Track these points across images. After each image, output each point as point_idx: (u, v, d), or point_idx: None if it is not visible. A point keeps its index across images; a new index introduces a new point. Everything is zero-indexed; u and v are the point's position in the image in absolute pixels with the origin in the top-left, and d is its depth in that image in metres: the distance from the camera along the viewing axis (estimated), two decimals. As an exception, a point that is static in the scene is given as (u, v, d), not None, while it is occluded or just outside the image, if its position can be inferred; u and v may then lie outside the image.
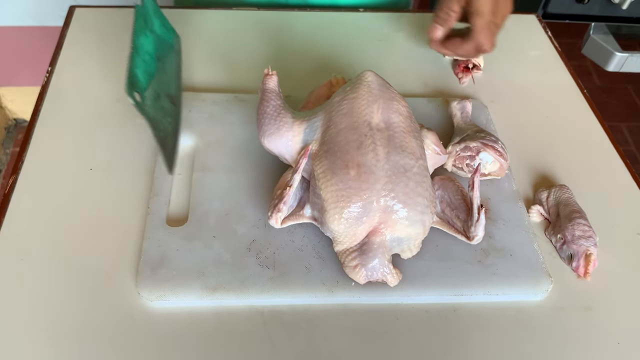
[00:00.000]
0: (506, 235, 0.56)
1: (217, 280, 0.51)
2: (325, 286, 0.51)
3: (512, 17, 0.86)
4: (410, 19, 0.85)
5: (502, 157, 0.59)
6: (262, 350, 0.48)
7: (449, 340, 0.50)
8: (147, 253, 0.52)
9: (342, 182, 0.49)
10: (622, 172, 0.65)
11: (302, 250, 0.53)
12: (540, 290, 0.53)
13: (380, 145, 0.51)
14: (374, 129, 0.52)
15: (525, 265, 0.54)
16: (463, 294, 0.52)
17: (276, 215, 0.52)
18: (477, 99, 0.72)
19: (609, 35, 1.03)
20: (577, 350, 0.50)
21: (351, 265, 0.50)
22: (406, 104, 0.56)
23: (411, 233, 0.50)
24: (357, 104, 0.53)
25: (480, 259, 0.54)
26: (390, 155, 0.50)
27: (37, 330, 0.48)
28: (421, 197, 0.50)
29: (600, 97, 1.99)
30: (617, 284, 0.55)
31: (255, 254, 0.53)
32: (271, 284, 0.51)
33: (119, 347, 0.48)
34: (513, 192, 0.60)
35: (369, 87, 0.55)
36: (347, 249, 0.51)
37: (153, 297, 0.50)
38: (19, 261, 0.52)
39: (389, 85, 0.56)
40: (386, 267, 0.50)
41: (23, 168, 0.60)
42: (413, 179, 0.50)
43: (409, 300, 0.52)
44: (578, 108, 0.73)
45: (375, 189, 0.49)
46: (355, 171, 0.49)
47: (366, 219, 0.49)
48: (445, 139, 0.64)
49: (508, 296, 0.52)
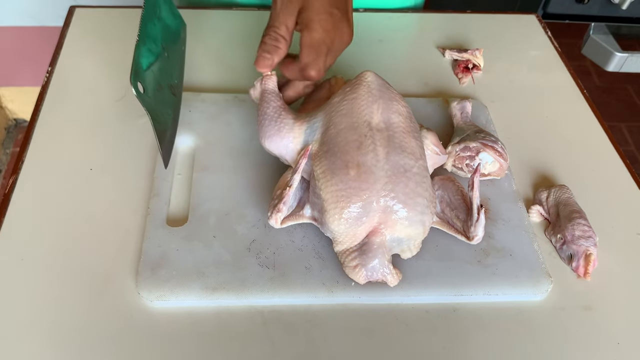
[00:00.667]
0: (506, 236, 0.56)
1: (217, 281, 0.51)
2: (325, 286, 0.51)
3: (511, 17, 0.87)
4: (411, 19, 0.85)
5: (502, 157, 0.59)
6: (262, 350, 0.48)
7: (448, 341, 0.50)
8: (147, 253, 0.52)
9: (342, 182, 0.49)
10: (621, 172, 0.65)
11: (302, 251, 0.53)
12: (540, 291, 0.53)
13: (380, 146, 0.51)
14: (374, 129, 0.52)
15: (525, 266, 0.54)
16: (463, 294, 0.52)
17: (276, 216, 0.52)
18: (477, 99, 0.72)
19: (609, 35, 1.03)
20: (577, 350, 0.50)
21: (351, 265, 0.50)
22: (406, 104, 0.56)
23: (411, 233, 0.50)
24: (356, 104, 0.53)
25: (480, 259, 0.54)
26: (390, 156, 0.50)
27: (37, 330, 0.48)
28: (421, 198, 0.50)
29: (600, 97, 1.99)
30: (617, 284, 0.55)
31: (255, 254, 0.53)
32: (271, 284, 0.51)
33: (119, 347, 0.48)
34: (513, 192, 0.60)
35: (369, 87, 0.55)
36: (346, 249, 0.51)
37: (153, 297, 0.50)
38: (19, 261, 0.52)
39: (388, 85, 0.56)
40: (386, 267, 0.50)
41: (23, 168, 0.60)
42: (413, 179, 0.50)
43: (408, 300, 0.52)
44: (578, 108, 0.73)
45: (375, 189, 0.49)
46: (355, 171, 0.49)
47: (366, 219, 0.49)
48: (445, 139, 0.64)
49: (508, 296, 0.52)
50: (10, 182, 0.58)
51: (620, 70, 1.03)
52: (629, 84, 2.07)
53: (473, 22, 0.85)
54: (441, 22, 0.85)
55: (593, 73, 2.06)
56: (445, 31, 0.83)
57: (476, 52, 0.75)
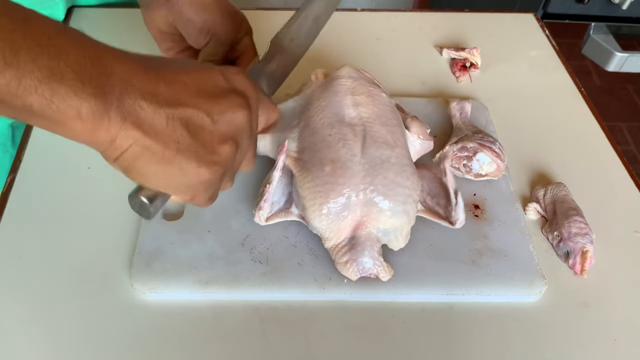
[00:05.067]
0: (501, 236, 0.56)
1: (209, 274, 0.51)
2: (317, 282, 0.51)
3: (509, 17, 0.87)
4: (408, 18, 0.85)
5: (499, 158, 0.59)
6: (254, 345, 0.48)
7: (442, 339, 0.50)
8: (142, 246, 0.52)
9: (317, 178, 0.50)
10: (619, 170, 0.65)
11: (295, 247, 0.53)
12: (533, 292, 0.52)
13: (355, 140, 0.51)
14: (349, 124, 0.52)
15: (520, 267, 0.53)
16: (455, 293, 0.52)
17: (258, 213, 0.52)
18: (475, 97, 0.72)
19: (609, 35, 1.03)
20: (573, 347, 0.50)
21: (342, 261, 0.50)
22: (386, 95, 0.56)
23: (396, 224, 0.50)
24: (331, 101, 0.54)
25: (474, 259, 0.54)
26: (366, 149, 0.51)
27: (38, 330, 0.49)
28: (401, 187, 0.50)
29: (600, 97, 1.99)
30: (613, 281, 0.55)
31: (249, 249, 0.53)
32: (263, 279, 0.51)
33: (112, 338, 0.48)
34: (510, 193, 0.60)
35: (343, 82, 0.55)
36: (336, 245, 0.51)
37: (146, 290, 0.50)
38: (17, 259, 0.53)
39: (368, 78, 0.57)
40: (377, 260, 0.50)
41: (21, 167, 0.60)
42: (391, 169, 0.50)
43: (401, 298, 0.52)
44: (576, 106, 0.73)
45: (353, 183, 0.49)
46: (330, 167, 0.50)
47: (347, 213, 0.49)
48: (445, 139, 0.64)
49: (501, 297, 0.52)
50: (8, 181, 0.59)
51: (620, 70, 1.03)
52: (629, 84, 2.07)
53: (471, 21, 0.85)
54: (439, 21, 0.85)
55: (593, 73, 2.06)
56: (443, 30, 0.83)
57: (473, 51, 0.75)
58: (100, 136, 0.34)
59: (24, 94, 0.31)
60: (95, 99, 0.32)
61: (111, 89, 0.33)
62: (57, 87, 0.31)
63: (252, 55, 0.60)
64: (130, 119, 0.34)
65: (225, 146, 0.38)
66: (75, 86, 0.32)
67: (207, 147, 0.37)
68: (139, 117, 0.34)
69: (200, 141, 0.37)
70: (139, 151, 0.35)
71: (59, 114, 0.32)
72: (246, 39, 0.59)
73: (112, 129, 0.34)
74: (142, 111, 0.34)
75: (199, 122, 0.37)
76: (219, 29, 0.55)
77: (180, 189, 0.38)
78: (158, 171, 0.37)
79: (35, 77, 0.31)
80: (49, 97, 0.31)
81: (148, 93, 0.35)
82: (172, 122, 0.35)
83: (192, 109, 0.36)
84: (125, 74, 0.34)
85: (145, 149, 0.35)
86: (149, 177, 0.37)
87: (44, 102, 0.31)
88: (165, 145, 0.35)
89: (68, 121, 0.33)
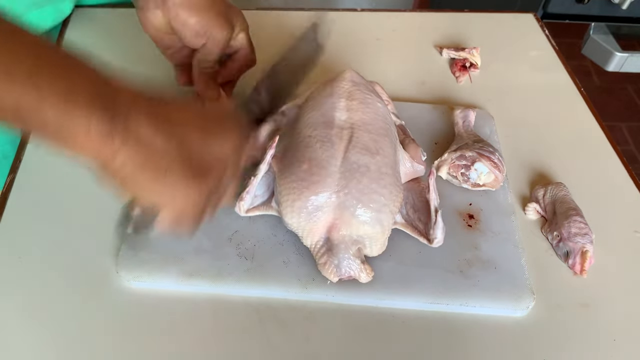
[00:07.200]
0: (493, 248, 0.55)
1: (194, 267, 0.51)
2: (300, 282, 0.51)
3: (509, 17, 0.87)
4: (408, 18, 0.85)
5: (498, 169, 0.58)
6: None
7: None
8: (131, 235, 0.51)
9: (294, 174, 0.50)
10: (618, 170, 0.65)
11: (282, 245, 0.53)
12: (520, 307, 0.51)
13: (339, 143, 0.51)
14: (337, 126, 0.53)
15: (509, 280, 0.52)
16: (439, 302, 0.51)
17: (239, 204, 0.52)
18: (475, 97, 0.72)
19: (609, 35, 1.03)
20: (573, 347, 0.50)
21: (321, 262, 0.50)
22: (383, 105, 0.56)
23: (368, 231, 0.50)
24: (326, 101, 0.54)
25: (462, 269, 0.53)
26: (348, 153, 0.51)
27: (37, 330, 0.49)
28: (376, 194, 0.50)
29: (600, 97, 1.99)
30: (613, 281, 0.55)
31: (236, 244, 0.53)
32: (246, 276, 0.51)
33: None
34: (507, 205, 0.59)
35: (342, 86, 0.55)
36: (313, 245, 0.51)
37: (130, 277, 0.51)
38: (17, 259, 0.53)
39: (368, 84, 0.57)
40: (353, 262, 0.49)
41: (21, 166, 0.60)
42: (368, 175, 0.50)
43: (383, 304, 0.51)
44: (575, 106, 0.73)
45: (327, 184, 0.49)
46: (306, 165, 0.50)
47: (320, 214, 0.49)
48: (446, 146, 0.63)
49: (487, 309, 0.51)
50: (8, 181, 0.59)
51: (620, 70, 1.03)
52: (629, 84, 2.07)
53: (470, 21, 0.85)
54: (438, 21, 0.85)
55: (593, 73, 2.05)
56: (443, 30, 0.83)
57: (473, 51, 0.75)
58: (104, 151, 0.36)
59: (41, 112, 0.33)
60: (104, 118, 0.35)
61: (119, 109, 0.36)
62: (72, 108, 0.34)
63: (248, 51, 0.61)
64: (133, 135, 0.37)
65: (213, 170, 0.41)
66: (87, 106, 0.34)
67: (198, 167, 0.40)
68: (140, 134, 0.37)
69: (193, 161, 0.40)
70: (137, 165, 0.38)
71: (69, 131, 0.35)
72: (242, 35, 0.60)
73: (116, 145, 0.36)
74: (144, 129, 0.37)
75: (193, 143, 0.40)
76: (214, 30, 0.56)
77: (170, 203, 0.41)
78: (152, 185, 0.39)
79: (54, 98, 0.33)
80: (62, 116, 0.34)
81: (151, 113, 0.38)
82: (169, 141, 0.38)
83: (189, 131, 0.40)
84: (131, 96, 0.38)
85: (143, 164, 0.38)
86: (143, 190, 0.40)
87: (59, 121, 0.34)
88: (161, 162, 0.38)
89: (77, 137, 0.35)
